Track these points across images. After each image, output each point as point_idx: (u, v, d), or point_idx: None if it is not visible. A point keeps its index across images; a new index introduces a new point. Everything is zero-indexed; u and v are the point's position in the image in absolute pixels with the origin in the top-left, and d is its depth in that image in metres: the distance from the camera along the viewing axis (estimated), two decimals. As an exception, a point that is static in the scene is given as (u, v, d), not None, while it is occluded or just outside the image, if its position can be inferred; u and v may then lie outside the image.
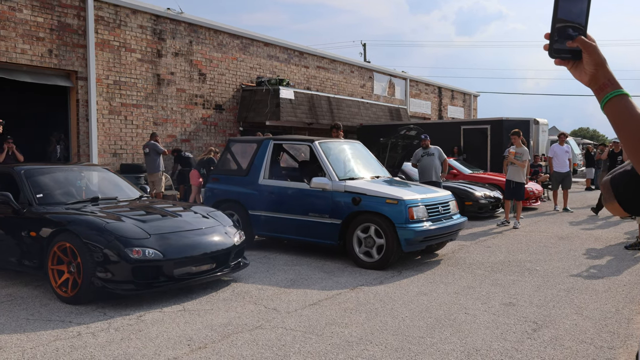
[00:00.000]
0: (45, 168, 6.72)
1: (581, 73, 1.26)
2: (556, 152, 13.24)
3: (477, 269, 6.91)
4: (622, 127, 1.19)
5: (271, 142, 8.26)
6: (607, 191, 1.34)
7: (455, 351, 4.03)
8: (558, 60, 1.28)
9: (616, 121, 1.20)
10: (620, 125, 1.19)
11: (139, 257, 5.09)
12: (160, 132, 13.50)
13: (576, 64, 1.27)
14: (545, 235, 9.56)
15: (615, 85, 1.22)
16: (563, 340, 4.28)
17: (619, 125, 1.19)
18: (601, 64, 1.23)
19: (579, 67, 1.26)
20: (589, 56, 1.23)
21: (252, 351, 4.01)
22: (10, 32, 10.87)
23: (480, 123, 17.05)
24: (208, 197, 8.66)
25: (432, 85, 27.22)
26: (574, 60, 1.27)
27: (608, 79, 1.22)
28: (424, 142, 10.59)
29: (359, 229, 7.01)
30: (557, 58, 1.27)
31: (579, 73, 1.27)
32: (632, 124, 1.17)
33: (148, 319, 4.79)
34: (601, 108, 1.23)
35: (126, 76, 13.04)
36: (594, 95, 1.25)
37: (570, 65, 1.28)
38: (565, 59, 1.27)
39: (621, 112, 1.19)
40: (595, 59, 1.23)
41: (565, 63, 1.28)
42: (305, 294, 5.64)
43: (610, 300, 5.43)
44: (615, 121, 1.20)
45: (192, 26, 14.73)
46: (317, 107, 16.78)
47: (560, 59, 1.28)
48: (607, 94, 1.21)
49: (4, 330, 4.50)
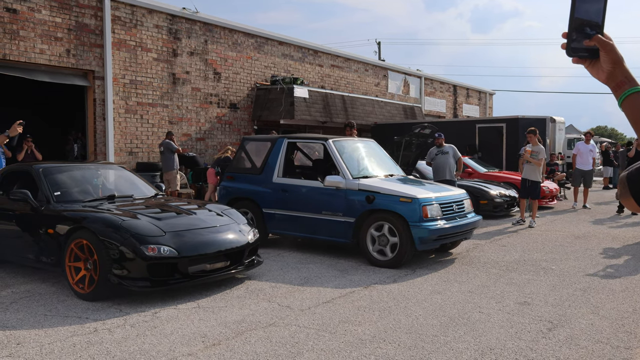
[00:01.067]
0: (62, 166, 6.81)
1: (598, 71, 1.27)
2: (580, 149, 13.44)
3: (491, 267, 6.87)
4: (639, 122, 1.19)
5: (285, 141, 8.28)
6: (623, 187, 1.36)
7: (469, 350, 4.02)
8: (576, 58, 1.29)
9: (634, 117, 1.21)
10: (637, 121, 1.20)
11: (154, 254, 5.15)
12: (176, 131, 13.60)
13: (593, 62, 1.28)
14: (561, 234, 9.46)
15: (633, 82, 1.23)
16: (579, 339, 4.24)
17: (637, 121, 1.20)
18: (618, 61, 1.24)
19: (596, 66, 1.28)
20: (606, 54, 1.24)
21: (265, 348, 4.04)
22: (29, 33, 11.03)
23: (495, 121, 16.91)
24: (222, 195, 8.72)
25: (447, 84, 27.06)
26: (591, 59, 1.28)
27: (625, 77, 1.23)
28: (438, 140, 10.54)
29: (373, 227, 7.00)
30: (575, 57, 1.29)
31: (597, 71, 1.28)
32: None
33: (163, 315, 4.84)
34: (619, 105, 1.24)
35: (142, 75, 13.16)
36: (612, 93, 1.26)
37: (587, 63, 1.29)
38: (583, 57, 1.29)
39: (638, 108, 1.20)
40: (613, 57, 1.24)
41: (583, 61, 1.29)
42: (319, 292, 5.65)
43: (627, 300, 5.36)
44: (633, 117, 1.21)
45: (207, 25, 14.81)
46: (332, 105, 16.77)
47: (578, 58, 1.29)
48: (624, 91, 1.22)
49: (22, 325, 4.58)
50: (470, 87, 29.32)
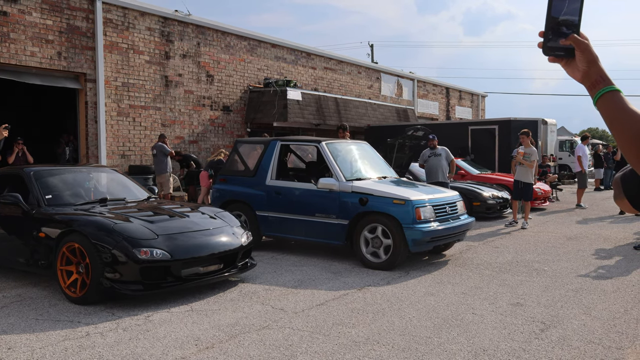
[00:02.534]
0: (54, 169, 6.77)
1: (574, 70, 1.29)
2: (585, 152, 14.03)
3: (484, 269, 6.88)
4: (614, 122, 1.20)
5: (278, 143, 8.28)
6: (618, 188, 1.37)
7: (463, 351, 4.02)
8: (552, 57, 1.30)
9: (609, 116, 1.22)
10: (612, 121, 1.21)
11: (146, 257, 5.12)
12: (169, 134, 13.56)
13: (569, 62, 1.29)
14: (553, 236, 9.51)
15: (607, 81, 1.24)
16: (571, 340, 4.26)
17: (611, 121, 1.21)
18: (593, 61, 1.25)
19: (572, 65, 1.29)
20: (582, 54, 1.25)
21: (259, 351, 4.03)
22: (20, 35, 10.96)
23: (488, 123, 16.97)
24: (216, 197, 8.69)
25: (440, 86, 27.15)
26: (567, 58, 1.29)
27: (600, 76, 1.24)
28: (431, 142, 10.57)
29: (366, 230, 7.00)
30: (551, 56, 1.30)
31: (572, 70, 1.29)
32: (625, 118, 1.18)
33: (156, 319, 4.82)
34: (594, 104, 1.25)
35: (134, 78, 13.11)
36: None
37: (563, 62, 1.31)
38: (559, 56, 1.30)
39: (613, 108, 1.21)
40: (588, 56, 1.25)
41: (559, 60, 1.31)
42: (313, 294, 5.65)
43: (619, 301, 5.39)
44: (607, 116, 1.22)
45: (199, 28, 14.78)
46: (325, 108, 16.78)
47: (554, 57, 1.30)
48: (599, 90, 1.23)
49: (13, 330, 4.54)
50: (463, 89, 29.43)
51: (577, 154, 14.09)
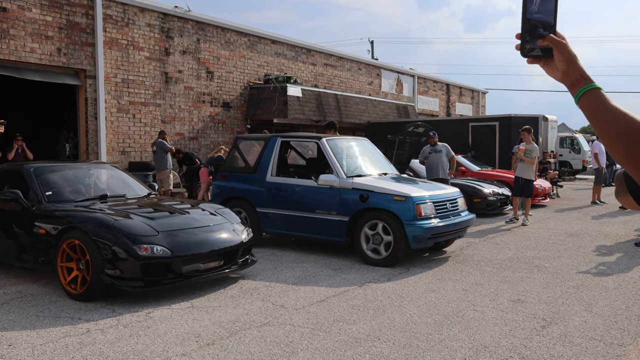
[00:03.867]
0: (54, 166, 6.76)
1: (553, 70, 1.29)
2: (601, 149, 13.95)
3: (485, 266, 6.88)
4: (596, 119, 1.21)
5: (279, 140, 8.26)
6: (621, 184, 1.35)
7: (464, 348, 4.02)
8: (530, 59, 1.30)
9: (591, 114, 1.22)
10: (594, 118, 1.21)
11: (147, 254, 5.12)
12: (169, 130, 13.54)
13: (548, 62, 1.29)
14: (554, 232, 9.50)
15: (587, 80, 1.23)
16: (572, 337, 4.25)
17: (593, 118, 1.21)
18: (572, 60, 1.25)
19: (551, 65, 1.29)
20: (560, 54, 1.25)
21: (260, 348, 4.02)
22: (20, 31, 10.93)
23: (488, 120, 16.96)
24: (216, 194, 8.68)
25: (440, 82, 27.11)
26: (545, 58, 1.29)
27: (580, 74, 1.24)
28: (432, 139, 10.55)
29: (367, 226, 6.99)
30: (529, 57, 1.30)
31: (552, 70, 1.29)
32: (606, 115, 1.18)
33: (156, 315, 4.81)
34: (575, 102, 1.25)
35: (134, 74, 13.08)
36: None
37: (542, 63, 1.30)
38: (537, 57, 1.30)
39: (595, 105, 1.21)
40: (566, 56, 1.25)
41: (538, 61, 1.30)
42: (313, 291, 5.64)
43: (620, 297, 5.39)
44: (590, 114, 1.22)
45: (199, 24, 14.74)
46: (325, 104, 16.75)
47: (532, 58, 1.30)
48: (580, 88, 1.23)
49: (14, 326, 4.53)
50: (463, 85, 29.38)
51: (594, 151, 14.21)
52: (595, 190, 14.16)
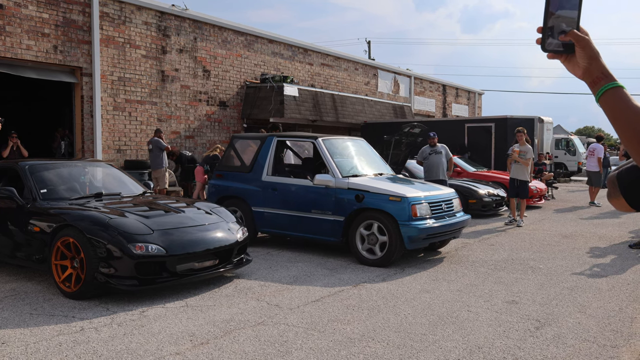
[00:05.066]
0: (49, 164, 6.74)
1: (575, 67, 1.26)
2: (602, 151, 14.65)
3: (480, 266, 6.89)
4: (618, 118, 1.18)
5: (275, 139, 8.26)
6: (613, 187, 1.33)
7: (458, 348, 4.03)
8: (551, 54, 1.27)
9: (612, 113, 1.19)
10: (616, 117, 1.19)
11: (142, 252, 5.10)
12: (165, 129, 13.51)
13: (569, 58, 1.26)
14: (548, 234, 9.53)
15: (610, 77, 1.21)
16: (566, 338, 4.27)
17: (615, 117, 1.19)
18: (594, 57, 1.22)
19: (572, 61, 1.26)
20: (582, 50, 1.22)
21: (254, 347, 4.02)
22: (16, 28, 10.89)
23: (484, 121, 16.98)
24: (211, 193, 8.67)
25: (437, 83, 27.14)
26: (567, 54, 1.26)
27: (602, 72, 1.21)
28: (432, 140, 10.56)
29: (362, 226, 7.00)
30: (550, 52, 1.27)
31: (573, 67, 1.26)
32: (629, 114, 1.16)
33: (151, 314, 4.80)
34: (596, 101, 1.22)
35: (131, 72, 13.05)
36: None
37: (563, 59, 1.28)
38: (559, 52, 1.27)
39: (616, 104, 1.18)
40: (588, 52, 1.22)
41: (559, 57, 1.28)
42: (308, 291, 5.64)
43: (613, 299, 5.41)
44: (611, 113, 1.20)
45: (196, 23, 14.71)
46: (321, 104, 16.75)
47: (553, 53, 1.27)
48: (601, 86, 1.21)
49: (7, 324, 4.52)
50: (460, 86, 29.43)
51: (598, 155, 14.41)
52: (594, 191, 14.33)
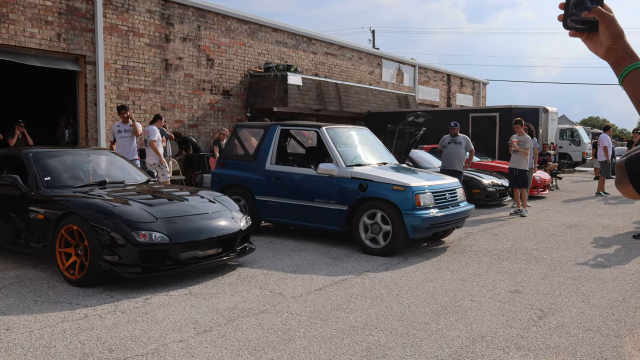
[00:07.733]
0: (53, 151, 6.74)
1: (597, 45, 1.20)
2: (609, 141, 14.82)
3: (483, 256, 6.89)
4: None
5: (278, 128, 8.24)
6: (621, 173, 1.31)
7: (461, 337, 4.03)
8: (573, 31, 1.22)
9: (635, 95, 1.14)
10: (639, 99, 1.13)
11: (145, 240, 5.11)
12: (168, 118, 13.49)
13: (592, 36, 1.21)
14: (552, 224, 9.51)
15: (634, 57, 1.16)
16: (569, 328, 4.27)
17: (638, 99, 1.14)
18: (619, 35, 1.17)
19: (594, 40, 1.21)
20: (606, 28, 1.17)
21: (257, 335, 4.03)
22: (19, 16, 10.85)
23: (489, 111, 16.90)
24: (215, 182, 8.67)
25: (441, 73, 27.00)
26: (589, 32, 1.21)
27: (626, 52, 1.16)
28: (453, 129, 10.53)
29: (366, 215, 7.00)
30: (572, 29, 1.22)
31: (595, 45, 1.21)
32: None
33: (154, 302, 4.82)
34: (619, 82, 1.17)
35: (134, 61, 13.01)
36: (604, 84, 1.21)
37: (585, 37, 1.22)
38: (581, 30, 1.21)
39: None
40: (613, 30, 1.17)
41: (580, 35, 1.22)
42: (311, 279, 5.65)
43: (617, 289, 5.40)
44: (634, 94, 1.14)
45: (200, 11, 14.64)
46: (325, 93, 16.69)
47: (575, 30, 1.22)
48: (625, 67, 1.15)
49: (12, 311, 4.54)
50: (464, 76, 29.27)
51: (603, 145, 14.48)
52: (601, 181, 14.37)
